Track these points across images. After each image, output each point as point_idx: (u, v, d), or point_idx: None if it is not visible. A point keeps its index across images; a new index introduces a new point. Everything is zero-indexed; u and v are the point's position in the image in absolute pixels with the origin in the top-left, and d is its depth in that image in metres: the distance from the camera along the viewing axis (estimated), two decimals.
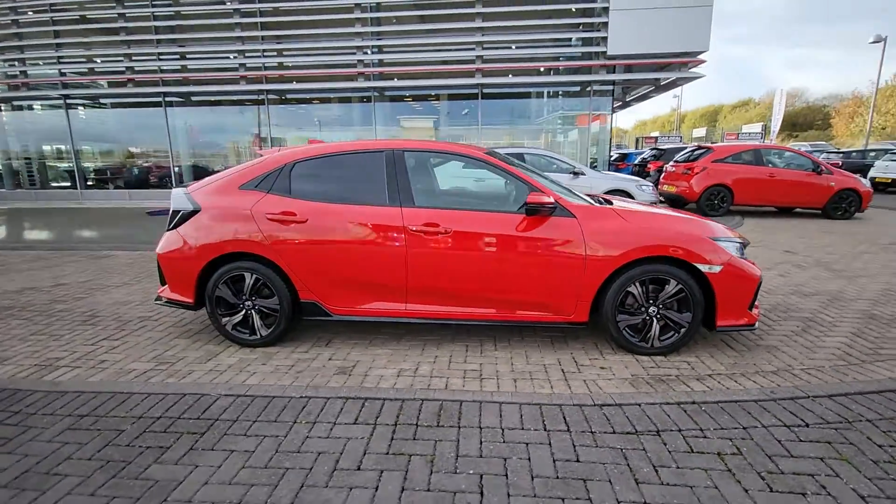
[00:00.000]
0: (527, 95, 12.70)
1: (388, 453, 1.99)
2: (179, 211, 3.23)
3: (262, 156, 3.40)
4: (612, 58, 10.28)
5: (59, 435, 2.16)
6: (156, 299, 3.41)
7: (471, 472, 1.86)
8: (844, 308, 3.86)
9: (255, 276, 3.13)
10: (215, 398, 2.47)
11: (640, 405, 2.32)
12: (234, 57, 11.85)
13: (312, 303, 3.16)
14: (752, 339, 3.25)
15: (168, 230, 3.27)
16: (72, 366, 2.96)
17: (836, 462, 1.90)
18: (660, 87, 12.24)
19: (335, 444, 2.06)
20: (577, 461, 1.92)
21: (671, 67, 10.61)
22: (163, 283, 3.33)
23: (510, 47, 11.13)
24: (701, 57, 10.20)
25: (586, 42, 10.52)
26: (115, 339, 3.41)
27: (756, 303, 3.02)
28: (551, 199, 2.93)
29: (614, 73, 10.72)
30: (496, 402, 2.36)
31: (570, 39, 10.62)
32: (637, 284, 2.93)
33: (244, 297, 3.19)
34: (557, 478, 1.82)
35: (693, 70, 10.42)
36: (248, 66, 11.67)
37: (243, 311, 3.21)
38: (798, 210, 9.66)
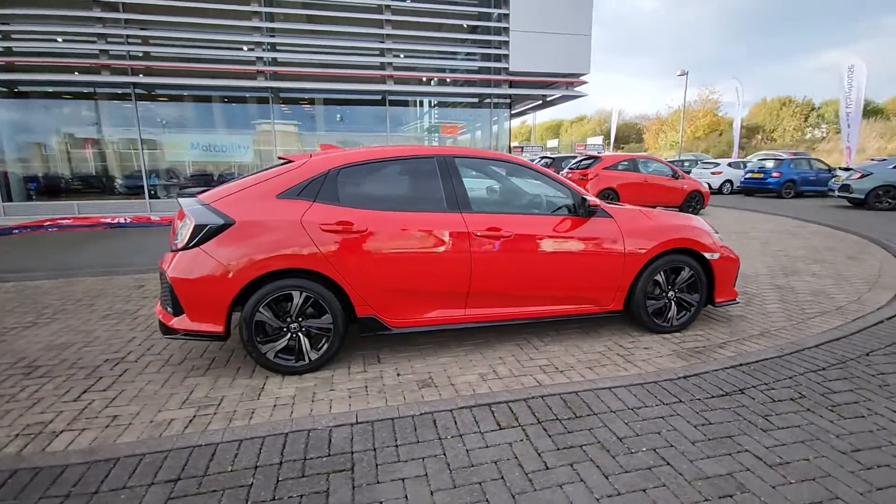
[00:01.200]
0: (428, 105, 13.12)
1: (559, 448, 2.07)
2: (206, 225, 2.74)
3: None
4: (513, 73, 11.25)
5: None
6: (165, 333, 2.83)
7: (643, 448, 2.06)
8: (754, 283, 4.97)
9: (304, 293, 2.82)
10: (326, 431, 2.21)
11: (707, 373, 2.77)
12: (91, 41, 9.81)
13: (371, 318, 2.97)
14: (721, 314, 4.02)
15: (185, 248, 2.75)
16: (75, 428, 2.32)
17: (862, 389, 2.57)
18: (546, 103, 13.73)
19: (502, 450, 2.06)
20: (710, 423, 2.25)
21: (559, 86, 12.02)
22: (178, 312, 2.78)
23: (418, 57, 11.37)
24: (583, 78, 11.79)
25: (491, 58, 11.29)
26: (101, 388, 2.73)
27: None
28: (598, 202, 3.27)
29: (513, 87, 11.73)
30: (605, 388, 2.58)
31: (476, 55, 11.26)
32: (661, 273, 3.43)
33: (289, 320, 2.85)
34: (709, 439, 2.12)
35: (577, 89, 11.99)
36: (111, 53, 9.77)
37: (288, 336, 2.87)
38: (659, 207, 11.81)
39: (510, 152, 13.28)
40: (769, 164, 15.83)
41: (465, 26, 11.17)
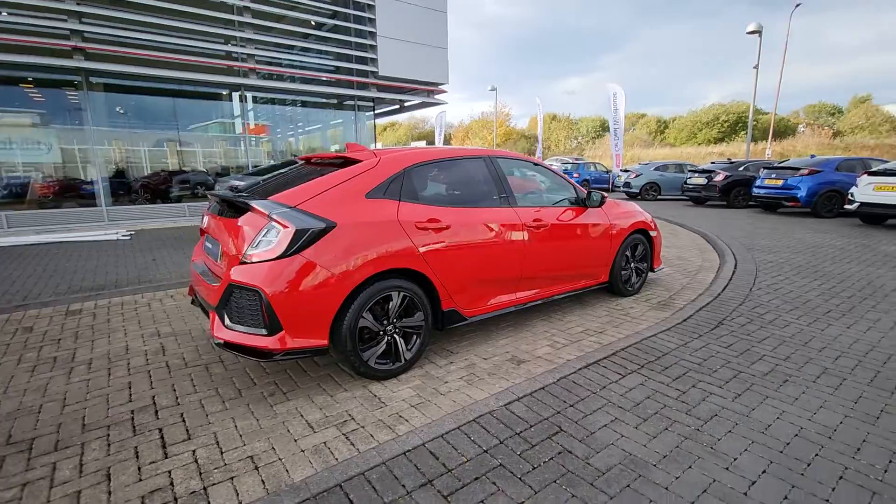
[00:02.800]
0: (292, 104, 12.28)
1: (673, 379, 2.71)
2: (308, 230, 2.48)
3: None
4: (381, 78, 11.48)
5: None
6: (266, 357, 2.45)
7: (716, 366, 2.86)
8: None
9: (402, 293, 2.81)
10: (504, 408, 2.37)
11: (691, 317, 3.80)
12: None
13: (453, 310, 3.11)
14: (659, 280, 5.29)
15: (281, 257, 2.44)
16: (217, 481, 1.93)
17: (756, 308, 3.93)
18: (403, 108, 14.27)
19: (646, 389, 2.59)
20: (731, 345, 3.21)
21: (419, 92, 12.73)
22: (274, 330, 2.44)
23: (267, 50, 10.56)
24: (443, 87, 12.77)
25: (353, 59, 11.24)
26: (183, 436, 2.24)
27: None
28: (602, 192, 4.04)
29: (381, 91, 11.95)
30: (652, 336, 3.34)
31: (332, 55, 11.03)
32: (629, 249, 4.41)
33: (386, 322, 2.79)
34: (738, 353, 3.06)
35: (437, 97, 12.91)
36: None
37: (385, 339, 2.80)
38: None
39: None
40: (570, 167, 19.81)
41: (313, 23, 10.85)
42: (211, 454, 2.11)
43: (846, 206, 9.22)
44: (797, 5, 30.34)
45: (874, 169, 9.08)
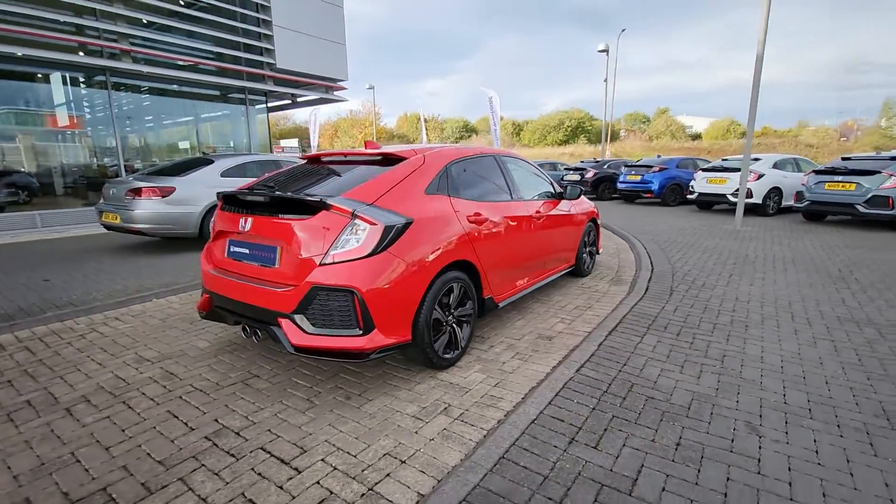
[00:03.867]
0: (166, 93, 10.63)
1: (677, 336, 3.36)
2: (394, 226, 2.48)
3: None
4: (280, 70, 10.72)
5: None
6: (361, 357, 2.39)
7: (704, 321, 3.61)
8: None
9: (460, 284, 2.96)
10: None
11: (651, 285, 4.61)
12: None
13: (490, 298, 3.33)
14: (598, 261, 6.10)
15: (369, 255, 2.41)
16: (386, 471, 1.92)
17: (696, 279, 4.96)
18: (297, 103, 13.42)
19: (668, 344, 3.18)
20: (691, 307, 4.03)
21: (317, 88, 12.18)
22: (368, 329, 2.40)
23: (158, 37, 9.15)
24: (342, 84, 12.41)
25: (240, 47, 10.29)
26: (287, 456, 2.13)
27: None
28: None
29: (279, 85, 11.13)
30: (637, 304, 4.00)
31: (238, 45, 9.98)
32: (587, 235, 5.10)
33: (447, 312, 2.92)
34: (703, 310, 3.89)
35: (337, 93, 12.49)
36: None
37: (447, 329, 2.92)
38: None
39: (271, 149, 12.49)
40: None
41: (182, 1, 9.74)
42: (345, 460, 2.04)
43: (688, 196, 11.65)
44: (623, 30, 36.18)
45: (706, 166, 11.65)
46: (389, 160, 3.01)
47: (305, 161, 3.52)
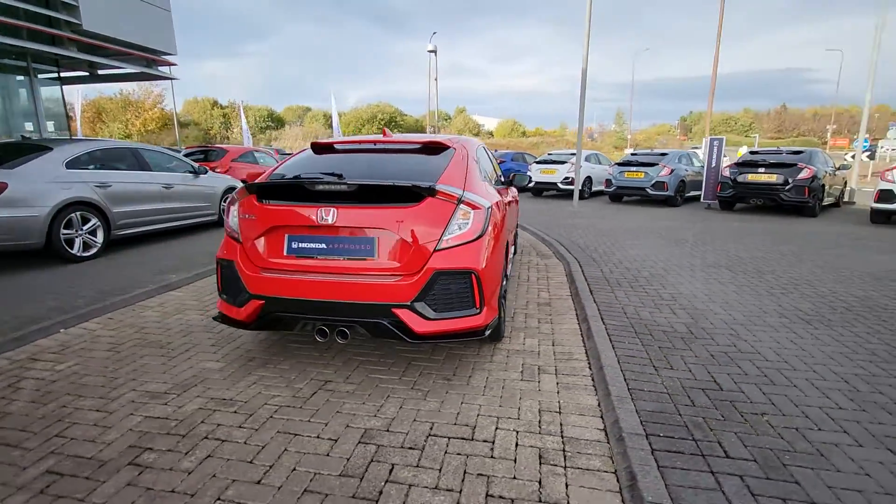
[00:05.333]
0: None
1: (608, 288, 4.33)
2: (489, 209, 2.67)
3: None
4: (87, 34, 8.36)
5: None
6: (479, 335, 2.52)
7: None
8: None
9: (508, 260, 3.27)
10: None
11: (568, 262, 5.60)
12: None
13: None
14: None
15: (478, 238, 2.55)
16: (561, 422, 2.20)
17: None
18: (98, 75, 10.49)
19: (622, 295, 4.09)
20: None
21: (137, 60, 9.88)
22: (482, 307, 2.55)
23: None
24: (170, 59, 10.34)
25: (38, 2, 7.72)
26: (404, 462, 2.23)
27: None
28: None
29: (81, 50, 8.64)
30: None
31: None
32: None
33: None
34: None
35: (162, 69, 10.33)
36: None
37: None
38: None
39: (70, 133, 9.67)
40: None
41: None
42: (515, 423, 2.22)
43: (528, 185, 13.76)
44: (434, 33, 38.69)
45: (539, 159, 13.94)
46: (433, 148, 3.08)
47: (321, 148, 3.23)
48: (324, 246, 2.53)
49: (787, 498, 1.70)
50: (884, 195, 8.21)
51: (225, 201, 7.91)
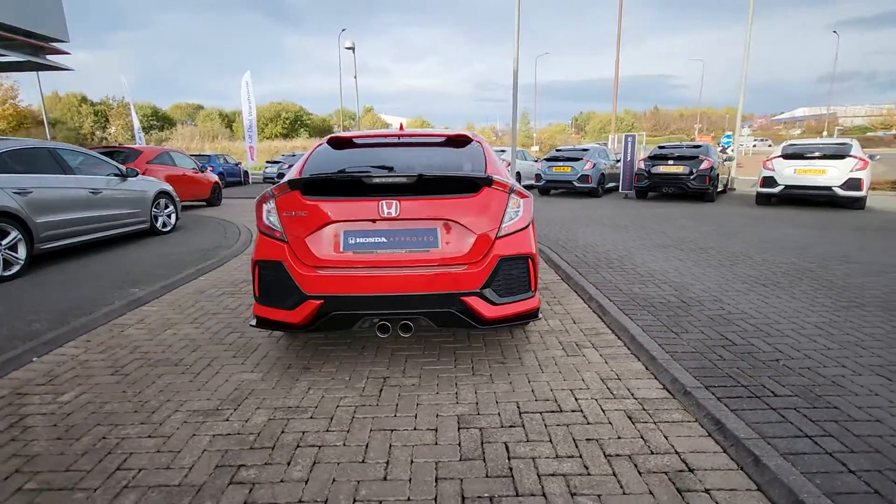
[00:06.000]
0: None
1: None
2: (531, 199, 2.80)
3: None
4: None
5: None
6: (536, 316, 2.65)
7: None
8: None
9: None
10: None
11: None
12: None
13: None
14: None
15: (528, 226, 2.69)
16: (621, 392, 2.43)
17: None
18: (14, 65, 8.58)
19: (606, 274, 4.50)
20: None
21: (21, 46, 8.31)
22: (535, 290, 2.68)
23: None
24: (61, 47, 8.86)
25: None
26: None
27: None
28: None
29: None
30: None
31: None
32: None
33: None
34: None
35: (52, 58, 8.81)
36: None
37: None
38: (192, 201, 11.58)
39: None
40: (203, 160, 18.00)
41: None
42: (586, 393, 2.40)
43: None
44: (343, 29, 37.78)
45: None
46: (458, 141, 3.14)
47: (340, 143, 3.10)
48: (384, 240, 2.49)
49: (836, 419, 2.08)
50: (766, 181, 9.81)
51: (156, 207, 7.11)
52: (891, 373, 2.50)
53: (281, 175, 16.74)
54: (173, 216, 7.59)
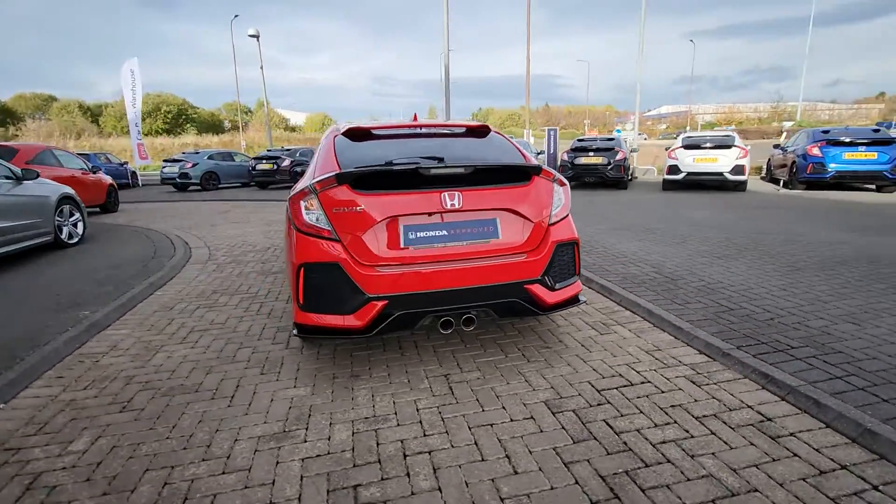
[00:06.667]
0: None
1: None
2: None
3: None
4: None
5: None
6: (579, 301, 2.73)
7: None
8: None
9: None
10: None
11: None
12: None
13: None
14: None
15: (567, 214, 2.78)
16: (664, 366, 2.66)
17: None
18: None
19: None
20: None
21: None
22: (579, 273, 2.78)
23: None
24: None
25: None
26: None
27: None
28: None
29: None
30: None
31: None
32: None
33: None
34: None
35: None
36: None
37: None
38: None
39: None
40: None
41: None
42: (645, 365, 2.57)
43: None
44: (236, 15, 34.86)
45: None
46: (477, 131, 3.11)
47: (359, 135, 2.89)
48: (445, 233, 2.40)
49: (847, 361, 2.47)
50: (671, 169, 11.12)
51: (60, 215, 5.99)
52: (857, 319, 3.03)
53: (185, 175, 15.01)
54: (80, 225, 6.47)
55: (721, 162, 10.51)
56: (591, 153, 11.77)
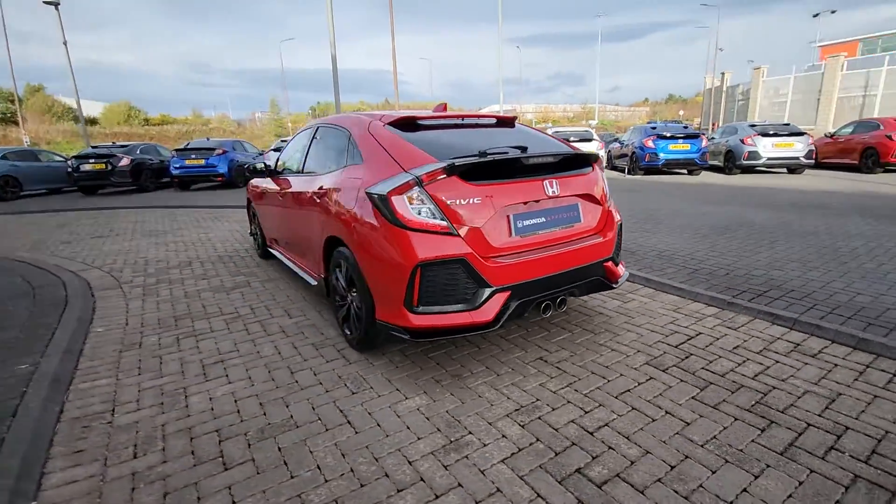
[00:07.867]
0: None
1: None
2: None
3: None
4: None
5: None
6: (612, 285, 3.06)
7: None
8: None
9: None
10: None
11: None
12: None
13: None
14: None
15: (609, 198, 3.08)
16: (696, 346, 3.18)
17: None
18: None
19: None
20: None
21: None
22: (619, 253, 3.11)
23: None
24: None
25: None
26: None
27: None
28: None
29: None
30: None
31: None
32: None
33: None
34: None
35: None
36: None
37: None
38: None
39: None
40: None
41: None
42: (689, 342, 3.04)
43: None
44: None
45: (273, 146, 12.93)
46: (507, 122, 3.20)
47: (412, 125, 2.70)
48: (544, 219, 2.46)
49: (804, 296, 3.31)
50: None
51: None
52: (781, 267, 4.02)
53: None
54: None
55: None
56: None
